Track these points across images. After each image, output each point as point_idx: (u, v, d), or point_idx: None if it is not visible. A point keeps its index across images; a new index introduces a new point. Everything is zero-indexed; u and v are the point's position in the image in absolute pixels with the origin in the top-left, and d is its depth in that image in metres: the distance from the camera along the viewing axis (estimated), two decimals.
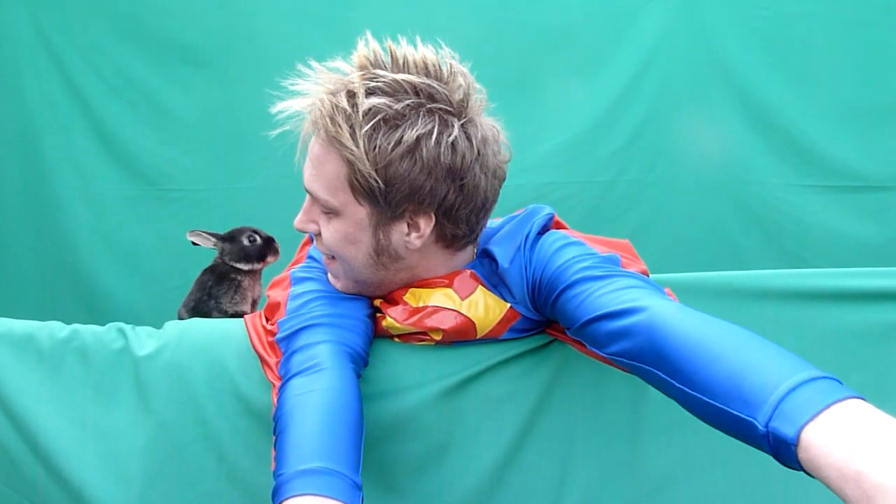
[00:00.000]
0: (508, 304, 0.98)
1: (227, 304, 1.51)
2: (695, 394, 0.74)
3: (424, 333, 0.99)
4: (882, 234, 2.15)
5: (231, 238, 1.51)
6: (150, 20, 2.13)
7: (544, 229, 1.00)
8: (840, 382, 0.67)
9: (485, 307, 0.98)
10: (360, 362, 0.96)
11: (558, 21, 2.17)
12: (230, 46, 2.14)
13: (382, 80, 0.88)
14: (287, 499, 0.77)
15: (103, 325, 1.05)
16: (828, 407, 0.64)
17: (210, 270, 1.53)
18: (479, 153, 0.92)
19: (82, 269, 2.19)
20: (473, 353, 1.01)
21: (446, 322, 0.98)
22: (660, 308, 0.80)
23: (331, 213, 0.94)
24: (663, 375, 0.78)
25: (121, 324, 1.04)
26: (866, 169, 2.16)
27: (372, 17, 1.98)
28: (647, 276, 0.95)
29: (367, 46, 0.90)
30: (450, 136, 0.89)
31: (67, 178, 2.17)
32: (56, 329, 1.02)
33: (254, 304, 1.56)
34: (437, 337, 0.99)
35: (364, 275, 0.98)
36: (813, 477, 0.64)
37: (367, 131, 0.87)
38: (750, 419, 0.68)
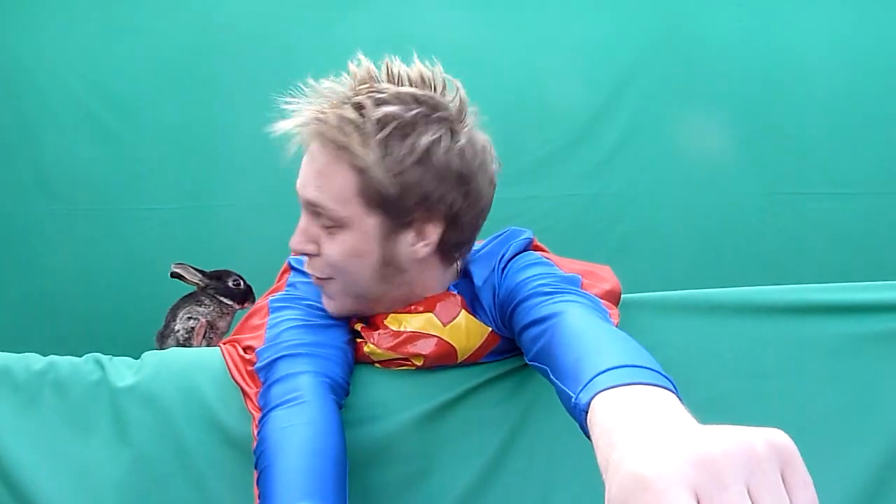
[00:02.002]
0: (490, 329, 0.99)
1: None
2: (556, 380, 0.74)
3: (405, 359, 0.99)
4: (873, 240, 2.15)
5: (217, 277, 1.68)
6: (124, 35, 2.09)
7: (521, 252, 1.01)
8: (668, 379, 0.65)
9: (467, 332, 0.98)
10: (341, 392, 0.95)
11: (540, 33, 2.17)
12: (206, 60, 2.10)
13: (387, 91, 0.90)
14: None
15: (78, 350, 1.04)
16: (629, 384, 0.62)
17: (184, 297, 1.67)
18: (480, 161, 0.94)
19: (55, 294, 2.12)
20: (454, 378, 1.01)
21: (427, 348, 0.98)
22: (566, 312, 0.82)
23: (336, 226, 0.93)
24: (549, 373, 0.78)
25: (98, 355, 1.03)
26: (854, 176, 2.16)
27: (351, 30, 1.98)
28: (619, 296, 0.97)
29: (360, 66, 0.92)
30: (457, 143, 0.92)
31: (36, 199, 2.10)
32: (32, 361, 1.01)
33: (220, 336, 1.64)
34: (419, 363, 0.99)
35: (366, 289, 0.97)
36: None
37: (381, 139, 0.88)
38: (571, 392, 0.68)
